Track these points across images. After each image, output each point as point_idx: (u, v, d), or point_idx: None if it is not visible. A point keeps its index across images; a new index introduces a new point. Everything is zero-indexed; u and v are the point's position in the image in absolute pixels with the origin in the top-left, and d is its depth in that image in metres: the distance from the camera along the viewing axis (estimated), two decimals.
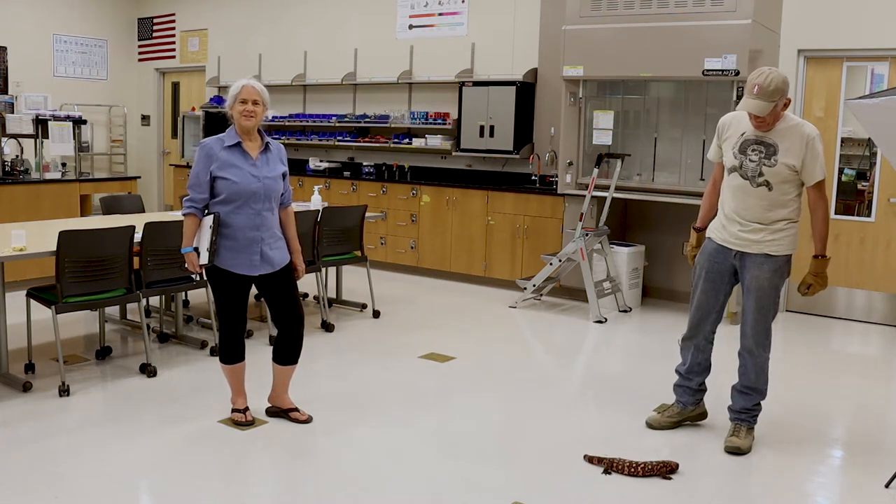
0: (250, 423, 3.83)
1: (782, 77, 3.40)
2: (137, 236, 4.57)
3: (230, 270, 3.66)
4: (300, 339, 3.90)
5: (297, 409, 3.96)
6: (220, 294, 3.75)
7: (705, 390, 3.96)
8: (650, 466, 3.39)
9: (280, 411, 3.97)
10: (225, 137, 3.65)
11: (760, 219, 3.55)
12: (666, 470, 3.39)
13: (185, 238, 3.67)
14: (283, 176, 3.79)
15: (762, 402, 3.79)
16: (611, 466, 3.42)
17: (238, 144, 3.64)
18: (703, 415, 4.00)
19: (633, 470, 3.38)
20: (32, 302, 4.47)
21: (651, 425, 3.95)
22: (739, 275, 3.67)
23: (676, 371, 3.99)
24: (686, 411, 3.95)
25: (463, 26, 8.24)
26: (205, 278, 3.80)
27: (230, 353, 3.83)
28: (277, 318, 3.87)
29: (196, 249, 3.65)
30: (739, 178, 3.56)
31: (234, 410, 3.89)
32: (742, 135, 3.57)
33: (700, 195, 4.02)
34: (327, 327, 5.73)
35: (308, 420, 3.92)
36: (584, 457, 3.53)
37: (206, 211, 3.66)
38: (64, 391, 4.20)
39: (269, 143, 3.76)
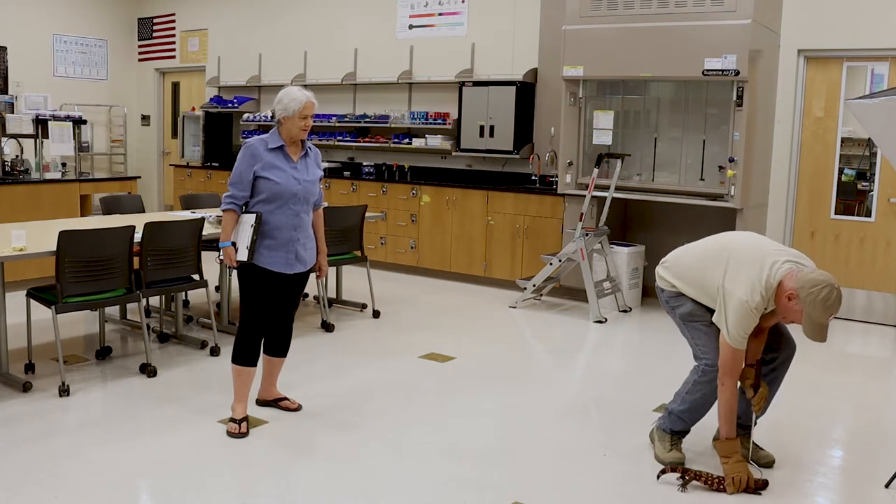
0: (243, 436, 3.73)
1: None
2: (137, 236, 4.57)
3: (267, 269, 3.74)
4: (291, 333, 4.07)
5: (286, 398, 4.10)
6: (250, 292, 3.80)
7: None
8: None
9: (270, 402, 4.09)
10: (269, 140, 3.75)
11: None
12: (757, 486, 3.26)
13: (224, 233, 3.76)
14: (319, 180, 3.93)
15: None
16: (693, 477, 3.25)
17: (281, 148, 3.75)
18: None
19: (718, 485, 3.23)
20: (32, 302, 4.47)
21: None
22: None
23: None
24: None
25: (463, 26, 8.24)
26: (236, 274, 3.88)
27: (245, 354, 3.83)
28: (277, 312, 3.93)
29: (234, 244, 3.73)
30: None
31: (231, 420, 3.80)
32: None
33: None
34: (327, 327, 5.74)
35: (298, 408, 4.06)
36: (662, 470, 3.35)
37: (247, 210, 3.76)
38: (64, 391, 4.21)
39: (309, 148, 3.87)
